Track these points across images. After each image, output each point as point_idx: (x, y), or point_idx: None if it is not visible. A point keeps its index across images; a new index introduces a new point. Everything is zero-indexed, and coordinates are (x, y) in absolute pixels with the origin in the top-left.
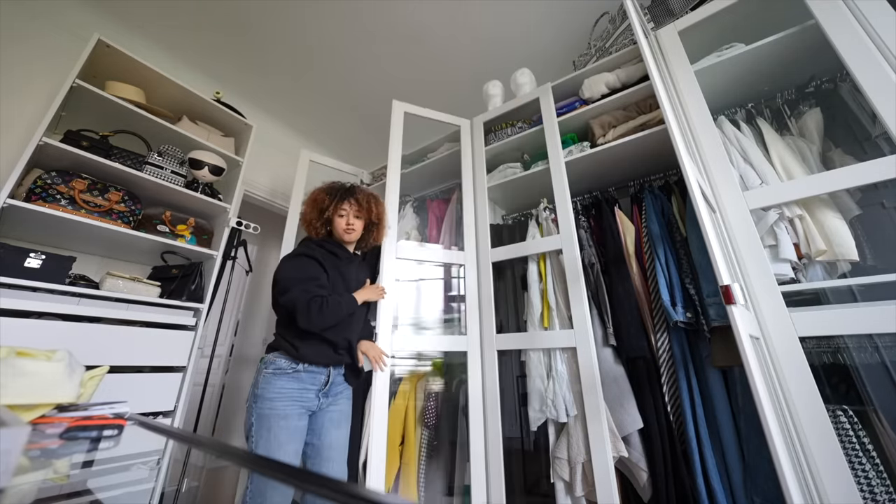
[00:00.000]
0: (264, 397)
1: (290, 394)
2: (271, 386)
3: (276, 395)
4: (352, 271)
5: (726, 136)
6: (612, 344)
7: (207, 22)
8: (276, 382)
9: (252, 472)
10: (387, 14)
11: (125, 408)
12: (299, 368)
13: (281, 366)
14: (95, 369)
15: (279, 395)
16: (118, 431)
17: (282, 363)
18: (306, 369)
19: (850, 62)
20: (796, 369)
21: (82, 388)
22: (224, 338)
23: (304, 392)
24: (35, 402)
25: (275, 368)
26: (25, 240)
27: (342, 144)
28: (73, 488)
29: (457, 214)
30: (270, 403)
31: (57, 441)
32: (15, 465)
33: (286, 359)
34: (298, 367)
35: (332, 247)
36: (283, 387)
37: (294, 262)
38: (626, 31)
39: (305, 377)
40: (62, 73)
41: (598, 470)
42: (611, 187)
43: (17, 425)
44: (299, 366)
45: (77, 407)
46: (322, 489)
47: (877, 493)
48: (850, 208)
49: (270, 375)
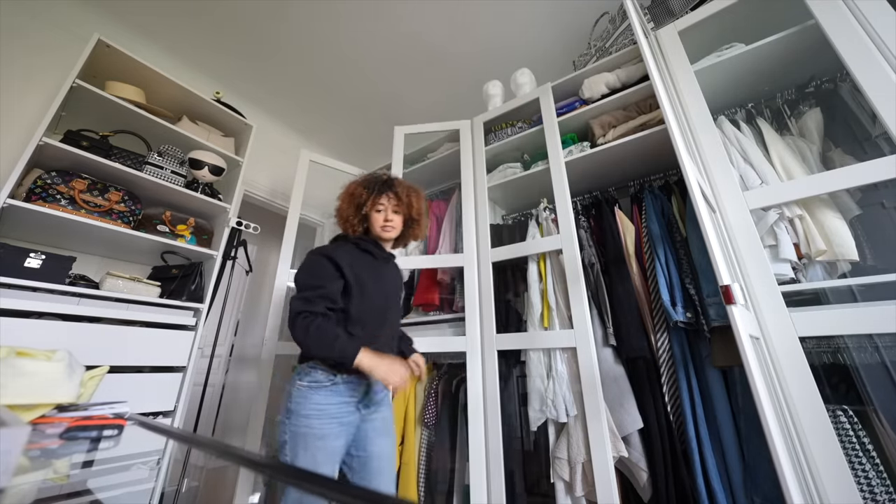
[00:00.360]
0: (299, 414)
1: (327, 410)
2: (307, 402)
3: (312, 411)
4: (390, 272)
5: (726, 136)
6: (612, 344)
7: (207, 22)
8: (313, 397)
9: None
10: (387, 14)
11: (125, 408)
12: (337, 381)
13: (318, 378)
14: (95, 369)
15: (316, 412)
16: (118, 431)
17: (318, 376)
18: (345, 380)
19: (850, 62)
20: (796, 369)
21: (82, 388)
22: (224, 338)
23: (344, 406)
24: (35, 402)
25: (311, 381)
26: (25, 240)
27: (342, 144)
28: (73, 488)
29: (457, 214)
30: (307, 421)
31: (57, 441)
32: (15, 465)
33: (322, 370)
34: (336, 378)
35: (368, 245)
36: (320, 402)
37: (309, 262)
38: (626, 31)
39: (344, 389)
40: (62, 72)
41: (598, 470)
42: (611, 187)
43: (17, 425)
44: (337, 377)
45: (77, 407)
46: (321, 489)
47: (877, 493)
48: (850, 208)
49: (306, 389)
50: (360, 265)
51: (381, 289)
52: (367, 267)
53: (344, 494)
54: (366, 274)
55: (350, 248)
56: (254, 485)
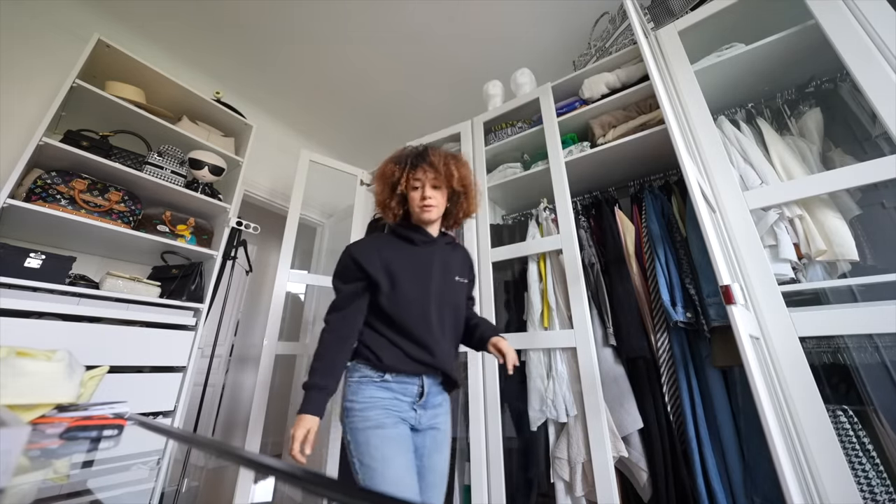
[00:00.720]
0: (353, 409)
1: (380, 402)
2: (359, 395)
3: (365, 404)
4: (435, 257)
5: (726, 136)
6: (612, 344)
7: (207, 22)
8: (364, 391)
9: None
10: (387, 14)
11: (125, 408)
12: (387, 378)
13: (366, 374)
14: (95, 369)
15: (369, 403)
16: (118, 431)
17: (367, 371)
18: (394, 378)
19: (850, 62)
20: (796, 369)
21: (82, 388)
22: (224, 338)
23: (397, 402)
24: (35, 402)
25: (360, 376)
26: (25, 240)
27: (342, 144)
28: (73, 488)
29: None
30: (361, 414)
31: (57, 441)
32: (15, 465)
33: (368, 367)
34: (385, 375)
35: (406, 231)
36: (373, 395)
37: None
38: (626, 31)
39: (396, 387)
40: (62, 72)
41: (598, 470)
42: (611, 187)
43: (17, 425)
44: (386, 375)
45: (77, 407)
46: (321, 488)
47: (877, 493)
48: (850, 208)
49: (356, 384)
50: (394, 256)
51: (420, 280)
52: (402, 257)
53: (344, 494)
54: (399, 265)
55: (383, 237)
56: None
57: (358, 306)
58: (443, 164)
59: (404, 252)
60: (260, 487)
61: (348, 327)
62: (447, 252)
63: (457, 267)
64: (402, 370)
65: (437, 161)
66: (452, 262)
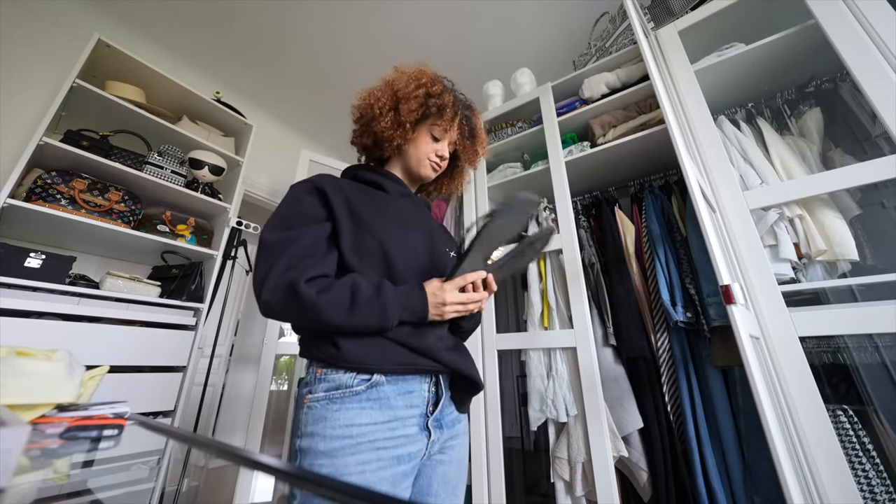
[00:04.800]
0: (315, 451)
1: (367, 435)
2: (329, 426)
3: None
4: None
5: (726, 135)
6: (612, 344)
7: (207, 22)
8: (338, 417)
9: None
10: (387, 15)
11: (125, 408)
12: (378, 379)
13: (339, 382)
14: (95, 369)
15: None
16: (118, 431)
17: (340, 378)
18: (392, 379)
19: (850, 62)
20: (796, 369)
21: (82, 388)
22: (224, 338)
23: (398, 427)
24: (35, 401)
25: (328, 390)
26: (25, 240)
27: (342, 144)
28: (73, 488)
29: (457, 214)
30: (330, 462)
31: (57, 441)
32: (15, 465)
33: (341, 370)
34: (374, 377)
35: (374, 175)
36: (353, 422)
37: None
38: (626, 30)
39: (393, 394)
40: (62, 72)
41: (598, 470)
42: (611, 187)
43: (17, 425)
44: (374, 377)
45: (77, 407)
46: (321, 488)
47: (877, 493)
48: (850, 208)
49: (321, 407)
50: (361, 202)
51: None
52: (370, 203)
53: (344, 494)
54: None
55: (338, 178)
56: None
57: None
58: (482, 139)
59: (373, 198)
60: (260, 487)
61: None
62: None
63: (442, 235)
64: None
65: (482, 132)
66: (437, 227)
